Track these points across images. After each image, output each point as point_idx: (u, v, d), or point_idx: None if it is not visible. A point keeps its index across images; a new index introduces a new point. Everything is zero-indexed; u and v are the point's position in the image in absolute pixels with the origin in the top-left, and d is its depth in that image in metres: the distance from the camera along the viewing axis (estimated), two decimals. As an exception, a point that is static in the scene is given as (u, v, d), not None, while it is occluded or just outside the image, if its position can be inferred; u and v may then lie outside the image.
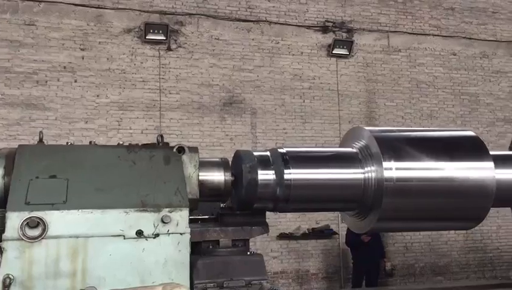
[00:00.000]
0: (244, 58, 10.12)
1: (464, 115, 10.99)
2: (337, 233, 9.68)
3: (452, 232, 10.16)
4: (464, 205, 4.13)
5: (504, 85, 11.30)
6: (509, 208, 6.87)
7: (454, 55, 11.12)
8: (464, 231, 10.04)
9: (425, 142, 4.26)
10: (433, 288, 5.55)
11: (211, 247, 3.29)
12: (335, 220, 9.48)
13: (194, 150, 3.14)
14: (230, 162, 3.57)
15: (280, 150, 3.69)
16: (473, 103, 11.07)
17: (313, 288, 9.16)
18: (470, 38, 11.20)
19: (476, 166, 4.12)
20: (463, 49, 11.16)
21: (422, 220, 4.33)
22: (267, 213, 3.81)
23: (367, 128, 4.17)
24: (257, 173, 3.44)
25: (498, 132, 10.86)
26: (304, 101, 10.27)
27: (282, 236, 9.53)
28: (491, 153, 4.35)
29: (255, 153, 3.62)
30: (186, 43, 9.86)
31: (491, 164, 4.15)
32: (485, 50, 11.29)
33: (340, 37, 10.48)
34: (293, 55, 10.34)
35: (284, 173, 3.52)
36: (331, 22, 10.53)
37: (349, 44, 10.45)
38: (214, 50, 9.98)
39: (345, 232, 8.98)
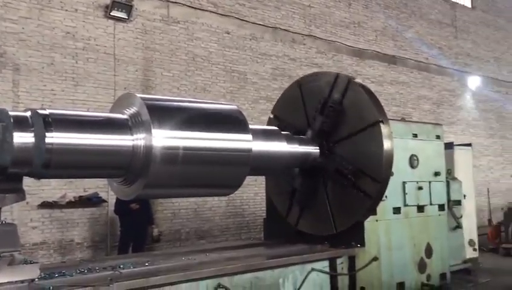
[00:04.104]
0: (7, 6, 8.92)
1: (233, 91, 11.83)
2: (106, 201, 9.47)
3: (216, 199, 10.97)
4: (224, 173, 4.52)
5: (268, 67, 12.53)
6: (264, 177, 7.75)
7: (228, 33, 11.83)
8: (226, 198, 10.94)
9: (194, 113, 4.48)
10: (193, 250, 5.92)
11: None
12: (104, 188, 9.23)
13: None
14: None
15: (42, 112, 3.41)
16: (241, 81, 12.00)
17: (77, 258, 8.81)
18: (242, 20, 12.06)
19: (236, 138, 4.52)
20: (236, 29, 11.96)
21: (188, 186, 4.58)
22: (27, 179, 3.50)
23: (139, 95, 4.17)
24: (12, 135, 3.11)
25: (261, 109, 12.02)
26: (76, 62, 9.62)
27: (45, 205, 8.87)
28: (251, 127, 4.84)
29: (11, 113, 3.27)
30: None
31: (249, 137, 4.61)
32: (255, 33, 12.30)
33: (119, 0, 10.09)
34: (66, 11, 9.55)
35: (45, 137, 3.27)
36: (110, -18, 10.04)
37: (128, 8, 10.14)
38: (-33, -9, 8.54)
39: (115, 200, 8.87)
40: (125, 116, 4.00)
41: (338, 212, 6.20)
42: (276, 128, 5.87)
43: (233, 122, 4.64)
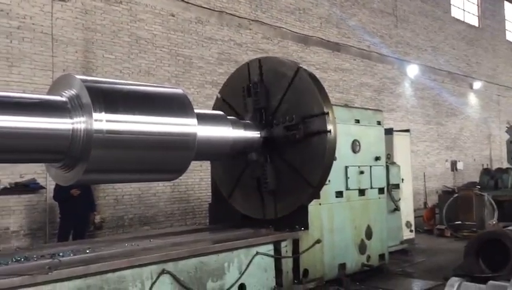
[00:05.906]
0: None
1: (178, 75, 11.63)
2: (44, 187, 9.10)
3: (161, 184, 10.82)
4: (169, 158, 4.45)
5: (214, 51, 12.40)
6: (209, 162, 7.71)
7: (173, 16, 11.58)
8: (171, 183, 10.82)
9: (138, 97, 4.37)
10: (137, 237, 5.83)
11: None
12: (42, 174, 8.86)
13: None
14: None
15: (-28, 92, 3.21)
16: (186, 65, 11.81)
17: (12, 246, 8.43)
18: (188, 3, 11.82)
19: (181, 122, 4.45)
20: (181, 12, 11.72)
21: (131, 172, 4.48)
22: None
23: (79, 77, 4.01)
24: None
25: (206, 94, 11.91)
26: (11, 41, 9.11)
27: (-22, 192, 8.44)
28: (196, 111, 4.78)
29: None
30: None
31: (194, 121, 4.56)
32: (200, 16, 12.11)
33: (57, -23, 9.61)
34: (-1, -14, 9.01)
35: (-24, 119, 3.09)
36: (48, -42, 9.54)
37: (67, -14, 9.69)
38: None
39: (54, 186, 8.55)
40: (64, 99, 3.84)
41: (280, 197, 6.28)
42: (221, 113, 5.85)
43: (178, 106, 4.56)
